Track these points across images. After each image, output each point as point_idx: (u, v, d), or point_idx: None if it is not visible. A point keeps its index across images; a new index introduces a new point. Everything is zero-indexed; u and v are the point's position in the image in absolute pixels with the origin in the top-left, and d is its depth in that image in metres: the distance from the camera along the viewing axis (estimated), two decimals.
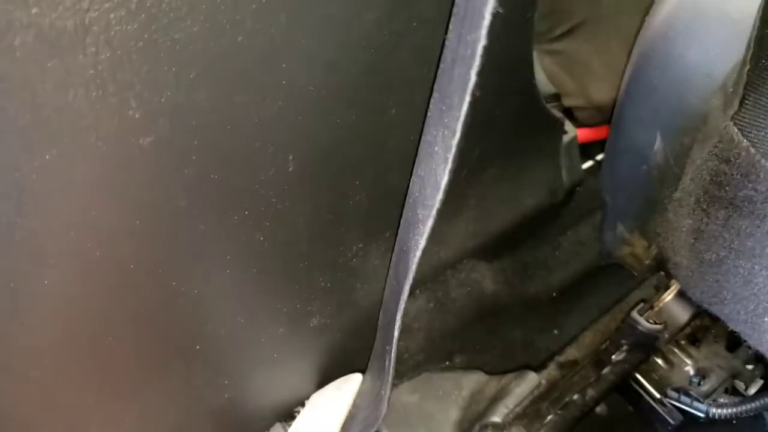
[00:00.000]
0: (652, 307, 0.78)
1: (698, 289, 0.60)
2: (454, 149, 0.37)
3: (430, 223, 0.43)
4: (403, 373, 0.82)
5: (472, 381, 0.81)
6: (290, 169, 0.49)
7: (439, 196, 0.41)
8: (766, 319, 0.58)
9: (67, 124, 0.34)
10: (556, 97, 0.96)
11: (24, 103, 0.33)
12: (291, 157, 0.48)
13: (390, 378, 0.58)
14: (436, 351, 0.82)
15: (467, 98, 0.35)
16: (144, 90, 0.35)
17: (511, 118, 0.74)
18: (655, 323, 0.76)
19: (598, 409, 0.98)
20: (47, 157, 0.35)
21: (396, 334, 0.54)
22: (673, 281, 0.80)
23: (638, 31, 0.69)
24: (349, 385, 0.66)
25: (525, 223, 0.84)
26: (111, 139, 0.36)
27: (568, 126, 0.87)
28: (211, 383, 0.58)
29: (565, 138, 0.86)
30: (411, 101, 0.52)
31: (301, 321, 0.63)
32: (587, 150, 0.98)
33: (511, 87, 0.69)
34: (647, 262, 0.67)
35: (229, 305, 0.55)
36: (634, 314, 0.77)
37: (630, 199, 0.63)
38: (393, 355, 0.56)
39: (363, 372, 0.68)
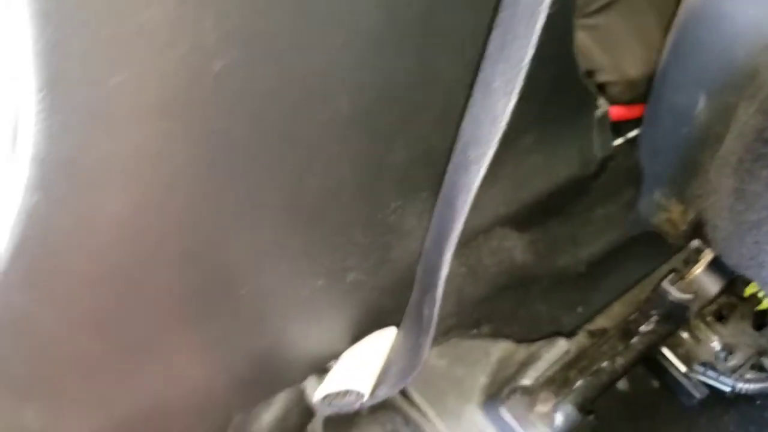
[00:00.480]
0: (682, 277, 0.79)
1: (736, 252, 0.61)
2: (519, 82, 0.38)
3: (485, 162, 0.44)
4: (433, 338, 0.82)
5: (500, 349, 0.82)
6: (344, 113, 0.50)
7: (498, 133, 0.42)
8: None
9: (145, 42, 0.36)
10: (589, 74, 0.97)
11: (104, 18, 0.34)
12: (345, 101, 0.49)
13: (432, 327, 0.59)
14: (465, 317, 0.82)
15: (539, 23, 0.36)
16: (219, 12, 0.36)
17: (549, 86, 0.75)
18: (686, 293, 0.77)
19: (620, 385, 0.98)
20: (125, 75, 0.36)
21: (442, 277, 0.55)
22: (704, 253, 0.80)
23: (675, 8, 0.70)
24: (384, 340, 0.67)
25: (557, 194, 0.85)
26: (185, 60, 0.37)
27: (601, 101, 0.88)
28: (254, 328, 0.59)
29: (598, 112, 0.87)
30: (461, 56, 0.53)
31: (338, 275, 0.64)
32: (618, 128, 0.99)
33: (551, 54, 0.70)
34: (683, 227, 0.67)
35: (275, 253, 0.57)
36: (665, 283, 0.78)
37: (669, 162, 0.64)
38: (437, 302, 0.57)
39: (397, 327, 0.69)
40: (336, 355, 0.70)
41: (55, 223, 0.41)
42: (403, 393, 0.78)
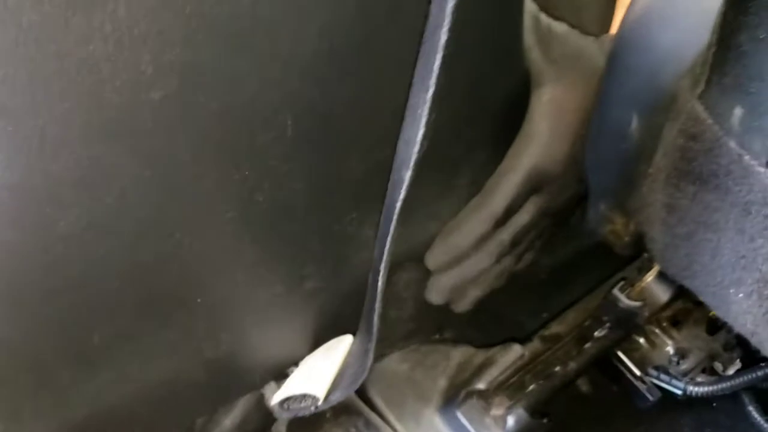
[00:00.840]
0: (632, 286, 0.82)
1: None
2: (429, 103, 0.41)
3: (408, 178, 0.48)
4: (393, 343, 0.86)
5: (459, 353, 0.85)
6: (289, 134, 0.53)
7: (416, 149, 0.45)
8: (731, 290, 0.61)
9: (87, 75, 0.39)
10: None
11: (49, 54, 0.37)
12: (289, 122, 0.52)
13: (375, 333, 0.62)
14: (425, 322, 0.86)
15: (437, 62, 0.39)
16: (156, 46, 0.39)
17: (501, 102, 0.78)
18: (635, 301, 0.80)
19: (584, 388, 1.02)
20: (67, 105, 0.39)
21: (380, 286, 0.58)
22: (655, 264, 0.83)
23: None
24: (341, 346, 0.70)
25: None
26: (125, 91, 0.40)
27: None
28: (211, 335, 0.62)
29: None
30: (400, 79, 0.56)
31: (296, 283, 0.66)
32: None
33: (501, 68, 0.73)
34: (626, 238, 0.70)
35: (229, 262, 0.59)
36: (615, 291, 0.81)
37: (611, 177, 0.67)
38: (377, 310, 0.60)
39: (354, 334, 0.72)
40: (295, 361, 0.73)
41: (8, 241, 0.44)
42: (365, 397, 0.81)
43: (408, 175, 0.48)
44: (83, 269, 0.50)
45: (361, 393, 0.81)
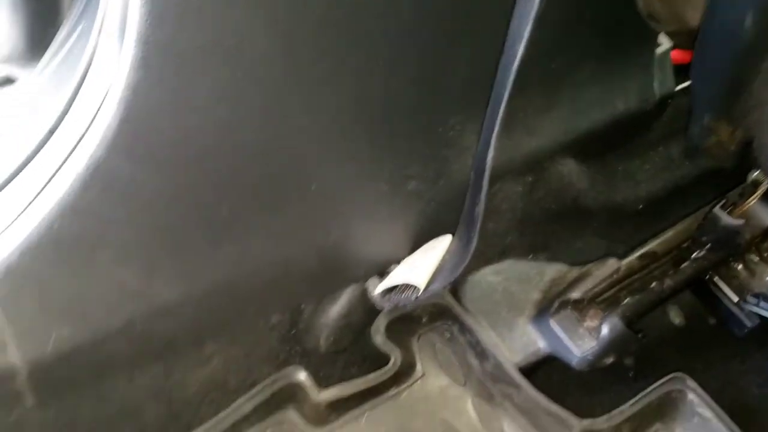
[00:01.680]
0: (735, 205, 0.81)
1: None
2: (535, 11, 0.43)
3: (510, 85, 0.50)
4: (488, 259, 0.88)
5: (554, 270, 0.87)
6: (404, 18, 0.56)
7: (518, 57, 0.47)
8: None
9: None
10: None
11: None
12: (406, 6, 0.55)
13: (479, 222, 0.65)
14: (521, 239, 0.87)
15: None
16: None
17: (607, 19, 0.79)
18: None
19: (677, 321, 1.02)
20: None
21: (486, 176, 0.61)
22: (761, 186, 0.82)
23: None
24: (440, 245, 0.73)
25: (615, 127, 0.88)
26: None
27: (663, 39, 0.90)
28: (322, 223, 0.66)
29: (659, 49, 0.90)
30: None
31: (400, 182, 0.70)
32: (682, 72, 1.01)
33: None
34: (732, 148, 0.70)
35: (341, 151, 0.63)
36: (717, 209, 0.80)
37: (718, 83, 0.67)
38: (483, 199, 0.63)
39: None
40: (396, 260, 0.76)
41: (156, 98, 0.49)
42: (461, 304, 0.84)
43: (510, 82, 0.50)
44: (215, 141, 0.55)
45: (457, 301, 0.84)
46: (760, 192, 0.81)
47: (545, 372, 0.91)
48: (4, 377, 0.56)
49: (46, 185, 0.52)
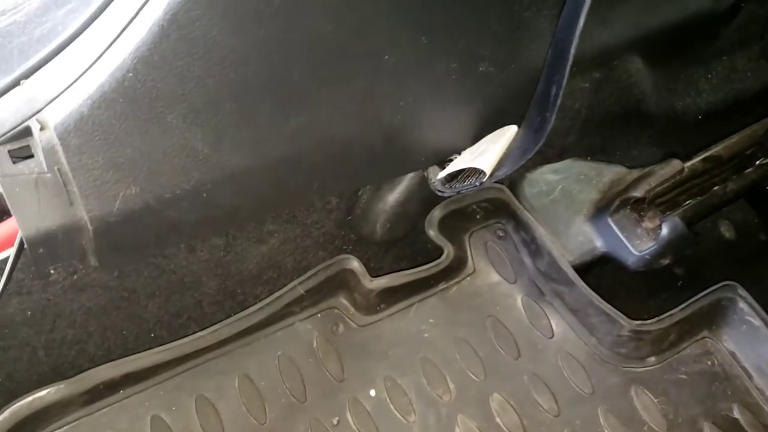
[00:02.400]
0: None
1: None
2: None
3: None
4: (548, 157, 0.86)
5: (613, 171, 0.85)
6: None
7: None
8: None
9: None
10: None
11: None
12: None
13: (557, 104, 0.63)
14: (581, 139, 0.85)
15: None
16: None
17: None
18: None
19: (728, 234, 1.00)
20: None
21: (571, 54, 0.58)
22: None
23: None
24: (506, 134, 0.71)
25: (686, 28, 0.85)
26: None
27: None
28: (390, 100, 0.64)
29: None
30: None
31: (471, 62, 0.67)
32: None
33: None
34: None
35: (414, 24, 0.61)
36: None
37: None
38: (565, 78, 0.60)
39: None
40: (458, 150, 0.75)
41: None
42: (520, 201, 0.83)
43: None
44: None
45: (514, 198, 0.83)
46: None
47: (596, 276, 0.90)
48: (69, 232, 0.55)
49: (121, 32, 0.50)
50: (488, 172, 0.68)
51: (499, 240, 0.86)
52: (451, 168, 0.70)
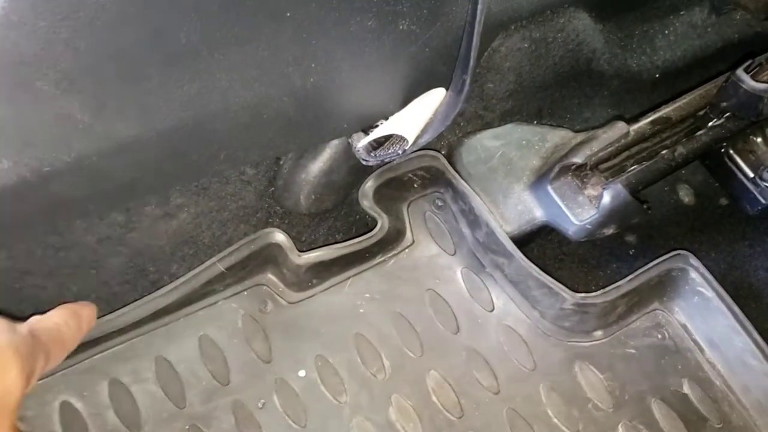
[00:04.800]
0: (760, 69, 0.73)
1: None
2: None
3: None
4: (488, 122, 0.81)
5: (558, 135, 0.80)
6: None
7: None
8: None
9: None
10: None
11: None
12: None
13: (472, 62, 0.58)
14: (525, 102, 0.81)
15: None
16: None
17: None
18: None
19: (686, 200, 0.96)
20: None
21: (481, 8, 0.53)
22: None
23: None
24: (432, 97, 0.66)
25: None
26: None
27: None
28: (299, 61, 0.59)
29: None
30: None
31: (390, 19, 0.62)
32: None
33: None
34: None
35: None
36: (739, 71, 0.73)
37: None
38: (476, 34, 0.55)
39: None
40: (384, 116, 0.70)
41: None
42: (455, 169, 0.78)
43: None
44: None
45: (452, 166, 0.78)
46: None
47: (540, 245, 0.86)
48: None
49: None
50: (411, 138, 0.63)
51: (438, 210, 0.81)
52: (374, 135, 0.66)
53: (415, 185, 0.80)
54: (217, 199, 0.67)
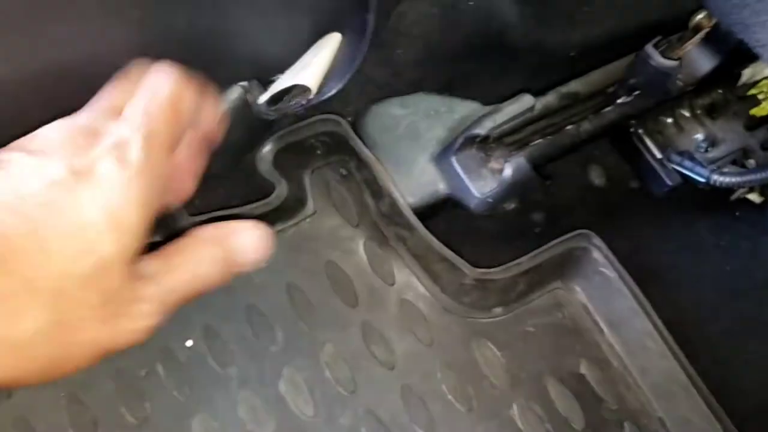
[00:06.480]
0: (670, 46, 0.73)
1: (728, 3, 0.54)
2: None
3: None
4: (397, 90, 0.79)
5: (465, 107, 0.78)
6: None
7: None
8: None
9: None
10: None
11: None
12: None
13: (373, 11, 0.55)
14: (435, 71, 0.78)
15: None
16: None
17: None
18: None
19: (597, 181, 0.95)
20: None
21: None
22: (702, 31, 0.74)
23: None
24: (329, 44, 0.63)
25: None
26: None
27: None
28: (180, 5, 0.55)
29: None
30: None
31: None
32: None
33: None
34: None
35: None
36: (648, 47, 0.72)
37: None
38: None
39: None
40: (282, 66, 0.66)
41: None
42: (360, 137, 0.75)
43: None
44: None
45: (357, 134, 0.75)
46: (700, 36, 0.73)
47: (445, 220, 0.84)
48: None
49: None
50: (313, 87, 0.59)
51: (342, 179, 0.79)
52: (275, 88, 0.62)
53: (318, 152, 0.77)
54: None
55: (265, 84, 0.66)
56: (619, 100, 0.75)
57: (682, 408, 0.76)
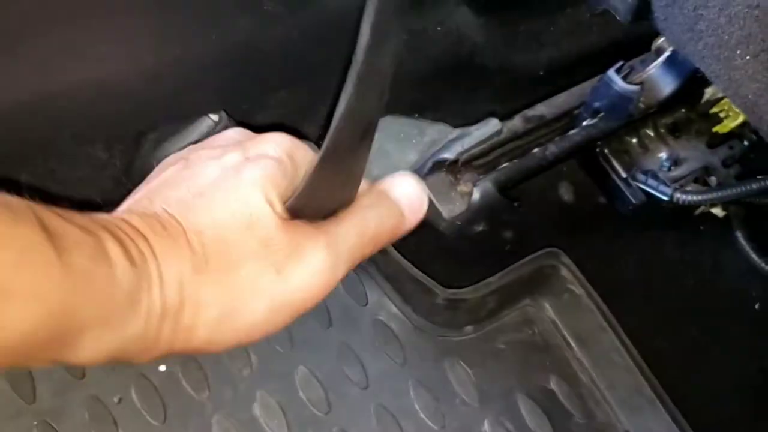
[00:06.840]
0: (632, 71, 0.74)
1: (675, 21, 0.56)
2: None
3: None
4: None
5: (436, 130, 0.79)
6: None
7: None
8: (737, 51, 0.54)
9: None
10: None
11: None
12: None
13: None
14: (404, 94, 0.79)
15: None
16: None
17: None
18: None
19: (566, 197, 0.97)
20: None
21: None
22: (663, 55, 0.76)
23: None
24: None
25: None
26: None
27: None
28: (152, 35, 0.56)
29: None
30: None
31: None
32: None
33: None
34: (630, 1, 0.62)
35: None
36: (611, 72, 0.74)
37: None
38: None
39: None
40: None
41: None
42: None
43: None
44: None
45: None
46: (660, 60, 0.75)
47: (416, 239, 0.85)
48: None
49: None
50: None
51: None
52: None
53: None
54: (63, 183, 0.63)
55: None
56: (584, 123, 0.77)
57: (647, 421, 0.79)
